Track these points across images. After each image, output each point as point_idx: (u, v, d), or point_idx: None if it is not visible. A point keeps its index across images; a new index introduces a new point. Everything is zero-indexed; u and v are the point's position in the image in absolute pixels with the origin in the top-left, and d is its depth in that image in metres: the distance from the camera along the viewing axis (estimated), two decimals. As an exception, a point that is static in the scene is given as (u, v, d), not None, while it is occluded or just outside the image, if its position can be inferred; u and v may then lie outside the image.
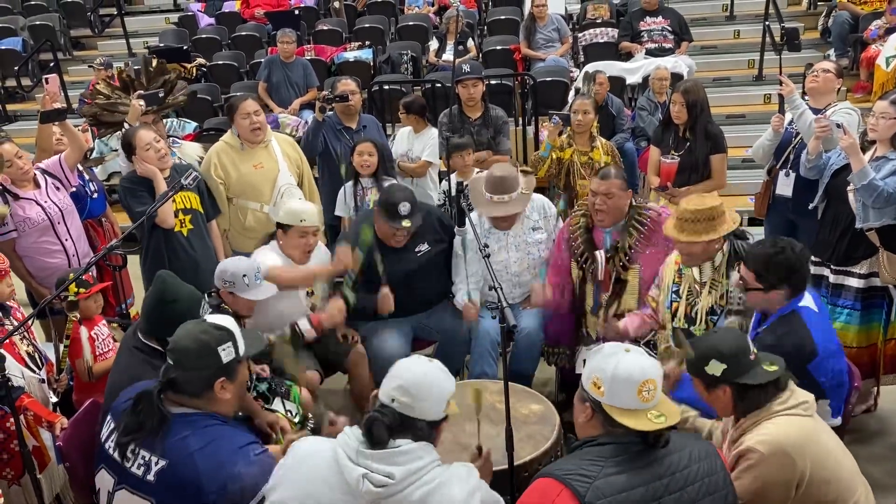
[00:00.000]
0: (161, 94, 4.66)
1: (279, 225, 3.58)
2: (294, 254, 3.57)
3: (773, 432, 2.13)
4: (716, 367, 2.20)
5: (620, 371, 1.90)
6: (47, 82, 4.14)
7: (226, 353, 2.16)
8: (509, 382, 2.43)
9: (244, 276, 3.16)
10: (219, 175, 4.23)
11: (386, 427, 1.90)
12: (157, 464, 2.09)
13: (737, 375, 2.19)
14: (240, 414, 2.64)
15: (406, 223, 3.52)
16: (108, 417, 2.29)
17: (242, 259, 3.31)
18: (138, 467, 2.11)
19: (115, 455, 2.16)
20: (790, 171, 4.03)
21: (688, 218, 2.95)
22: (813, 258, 3.81)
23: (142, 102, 4.41)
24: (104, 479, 2.22)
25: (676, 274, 3.17)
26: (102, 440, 2.26)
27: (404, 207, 3.51)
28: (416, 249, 3.76)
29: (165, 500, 2.09)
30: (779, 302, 2.66)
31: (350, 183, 4.44)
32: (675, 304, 3.14)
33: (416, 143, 5.01)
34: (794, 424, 2.15)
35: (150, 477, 2.09)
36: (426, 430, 1.96)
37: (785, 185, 4.09)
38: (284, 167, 4.30)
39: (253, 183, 4.23)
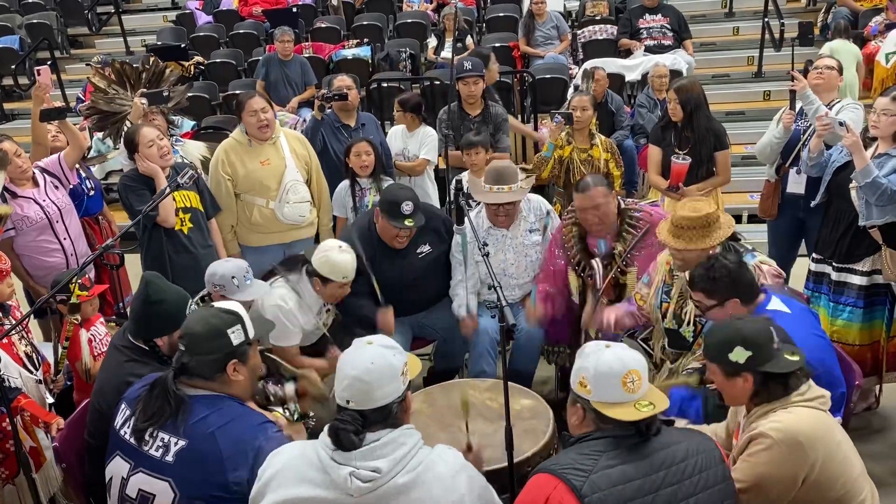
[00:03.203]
0: (165, 94, 4.65)
1: (316, 273, 3.38)
2: (328, 300, 3.49)
3: (789, 420, 2.11)
4: (740, 354, 2.15)
5: (602, 366, 1.93)
6: (39, 74, 4.12)
7: (235, 336, 2.22)
8: (500, 380, 2.41)
9: (233, 277, 3.15)
10: (226, 171, 4.23)
11: (351, 432, 1.86)
12: (176, 444, 2.13)
13: (761, 363, 2.14)
14: None
15: (409, 222, 3.50)
16: (123, 406, 2.31)
17: (230, 261, 3.31)
18: (157, 449, 2.15)
19: (132, 440, 2.19)
20: (801, 167, 4.00)
21: (683, 225, 2.90)
22: (815, 255, 3.81)
23: (144, 101, 4.40)
24: (117, 467, 2.23)
25: (668, 274, 3.14)
26: (117, 428, 2.28)
27: (407, 206, 3.49)
28: (418, 251, 3.74)
29: (184, 479, 2.11)
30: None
31: (346, 183, 4.42)
32: (664, 305, 3.12)
33: (410, 141, 4.97)
34: (811, 416, 2.13)
35: (169, 458, 2.13)
36: (396, 409, 1.93)
37: (797, 183, 4.04)
38: (292, 164, 4.30)
39: (259, 179, 4.23)
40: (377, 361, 1.91)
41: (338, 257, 3.35)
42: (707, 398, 2.79)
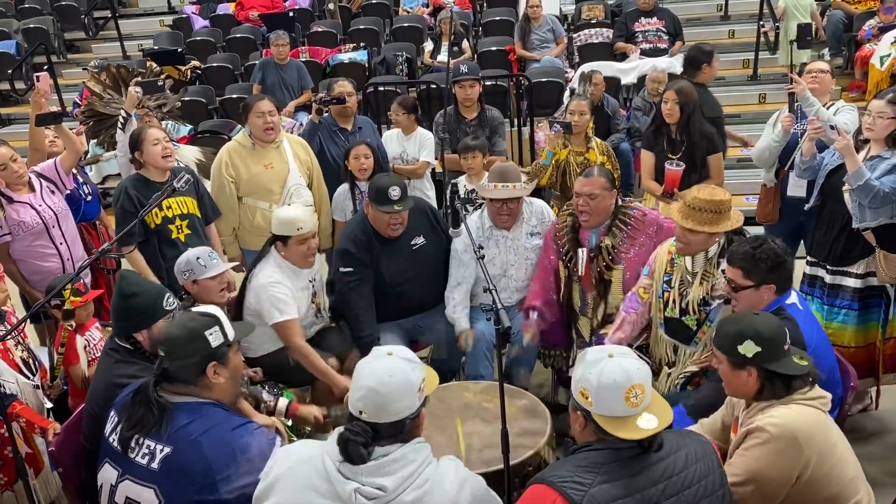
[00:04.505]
0: (160, 84, 4.66)
1: (277, 237, 3.47)
2: (298, 262, 3.50)
3: (787, 415, 2.12)
4: (749, 348, 2.16)
5: (605, 379, 1.87)
6: (38, 80, 4.13)
7: (214, 337, 2.22)
8: (495, 383, 2.40)
9: (198, 258, 3.20)
10: (229, 174, 4.24)
11: (360, 444, 1.84)
12: (161, 451, 2.13)
13: (768, 361, 2.16)
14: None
15: (398, 207, 3.53)
16: (112, 413, 2.31)
17: (192, 248, 3.37)
18: (143, 457, 2.15)
19: (119, 448, 2.19)
20: (794, 171, 3.99)
21: (697, 206, 2.93)
22: (809, 258, 3.81)
23: (139, 90, 4.41)
24: (107, 474, 2.23)
25: (669, 264, 3.14)
26: (106, 435, 2.28)
27: (394, 191, 3.53)
28: (412, 243, 3.76)
29: (169, 485, 2.11)
30: (768, 301, 2.65)
31: (346, 186, 4.43)
32: (666, 294, 3.12)
33: (407, 144, 4.98)
34: (808, 414, 2.14)
35: (155, 465, 2.13)
36: (409, 425, 1.91)
37: (797, 187, 4.04)
38: (294, 168, 4.32)
39: (262, 183, 4.24)
40: (395, 375, 1.88)
41: (284, 211, 3.51)
42: (686, 405, 2.79)
